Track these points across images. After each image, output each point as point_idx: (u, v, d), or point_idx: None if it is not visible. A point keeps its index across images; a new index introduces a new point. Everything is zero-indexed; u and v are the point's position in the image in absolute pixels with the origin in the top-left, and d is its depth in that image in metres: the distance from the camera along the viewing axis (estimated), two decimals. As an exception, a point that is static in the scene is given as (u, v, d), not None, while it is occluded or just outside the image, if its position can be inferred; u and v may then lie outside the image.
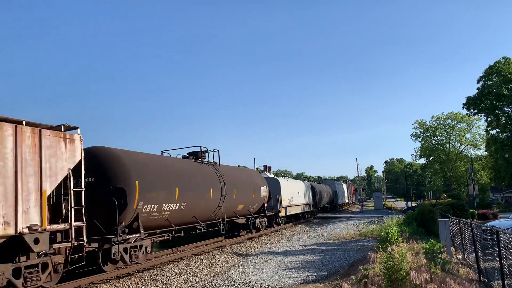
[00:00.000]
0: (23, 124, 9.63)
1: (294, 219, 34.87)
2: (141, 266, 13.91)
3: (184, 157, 19.86)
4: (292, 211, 32.77)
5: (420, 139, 78.50)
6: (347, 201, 72.05)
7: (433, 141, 77.06)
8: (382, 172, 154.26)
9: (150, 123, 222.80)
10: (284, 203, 30.57)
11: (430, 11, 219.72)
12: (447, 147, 75.72)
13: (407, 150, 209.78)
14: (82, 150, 11.02)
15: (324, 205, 48.47)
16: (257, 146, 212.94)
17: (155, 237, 15.07)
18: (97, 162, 12.75)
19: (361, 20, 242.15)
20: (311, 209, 39.54)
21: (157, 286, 11.84)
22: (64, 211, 10.51)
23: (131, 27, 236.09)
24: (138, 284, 11.78)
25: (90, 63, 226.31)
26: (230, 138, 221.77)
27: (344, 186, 70.58)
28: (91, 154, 12.58)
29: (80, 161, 10.90)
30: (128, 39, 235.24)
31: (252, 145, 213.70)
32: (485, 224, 13.50)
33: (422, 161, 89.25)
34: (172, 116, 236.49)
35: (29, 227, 9.23)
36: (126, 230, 13.22)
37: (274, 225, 28.07)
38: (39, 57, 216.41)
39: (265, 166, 51.29)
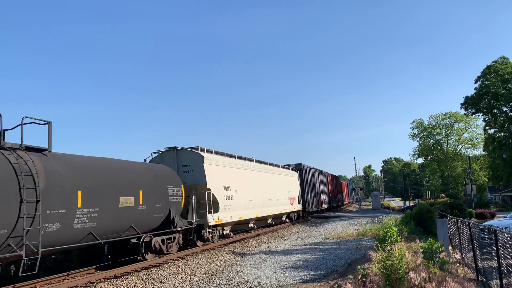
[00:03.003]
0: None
1: None
2: (139, 265, 13.90)
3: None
4: None
5: (418, 139, 78.75)
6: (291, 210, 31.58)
7: (431, 141, 77.20)
8: (380, 171, 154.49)
9: (142, 124, 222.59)
10: None
11: (428, 11, 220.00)
12: (445, 146, 75.86)
13: (405, 150, 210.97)
14: None
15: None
16: (258, 146, 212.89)
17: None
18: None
19: (359, 20, 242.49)
20: None
21: (155, 285, 11.81)
22: None
23: (130, 26, 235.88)
24: (136, 283, 11.75)
25: (89, 62, 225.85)
26: (230, 138, 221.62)
27: (290, 178, 32.89)
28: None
29: None
30: (128, 39, 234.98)
31: (253, 144, 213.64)
32: (483, 224, 13.49)
33: (420, 160, 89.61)
34: (171, 115, 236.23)
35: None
36: None
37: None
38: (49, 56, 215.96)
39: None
